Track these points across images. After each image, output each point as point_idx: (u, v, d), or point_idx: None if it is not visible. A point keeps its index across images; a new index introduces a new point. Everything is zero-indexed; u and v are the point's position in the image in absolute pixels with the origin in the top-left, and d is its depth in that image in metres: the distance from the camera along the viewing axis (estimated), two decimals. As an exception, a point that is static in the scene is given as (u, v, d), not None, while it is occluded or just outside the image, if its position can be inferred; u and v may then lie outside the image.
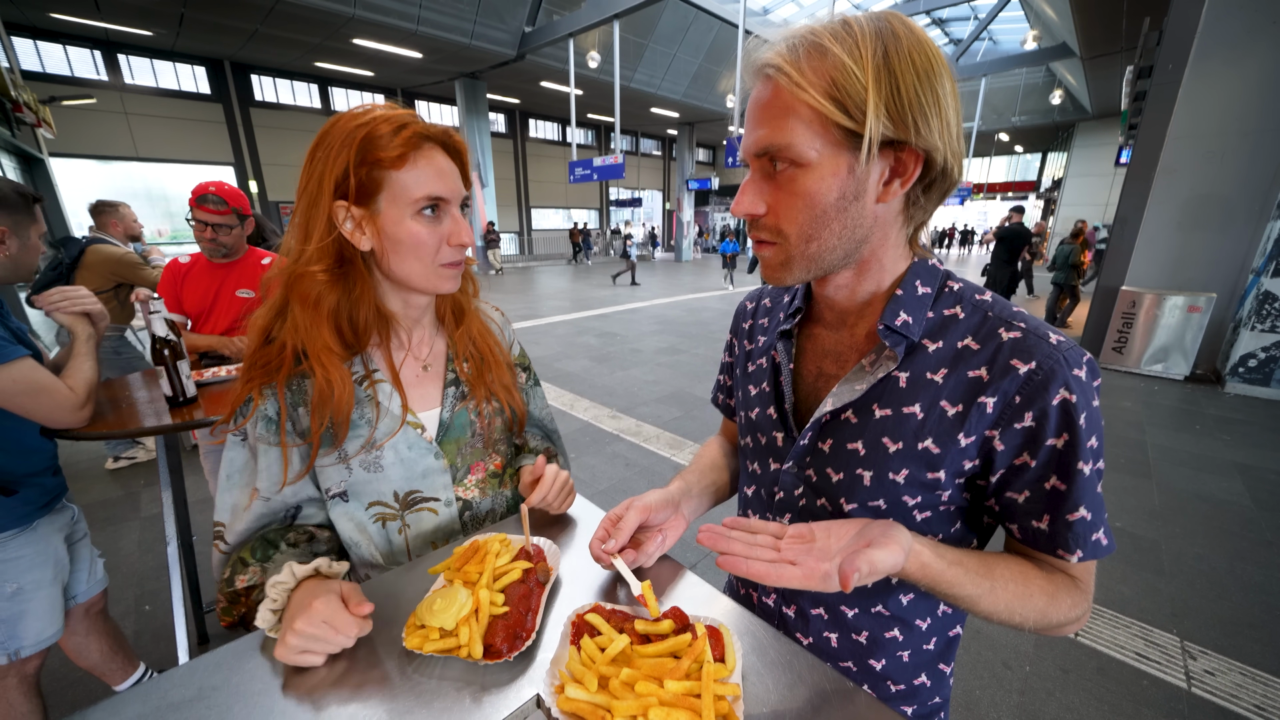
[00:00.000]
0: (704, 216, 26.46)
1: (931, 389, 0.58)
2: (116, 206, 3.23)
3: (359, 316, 0.77)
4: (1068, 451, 0.53)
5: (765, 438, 0.73)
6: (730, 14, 12.64)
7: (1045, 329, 0.55)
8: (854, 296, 0.63)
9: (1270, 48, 4.94)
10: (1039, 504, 0.56)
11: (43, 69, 11.93)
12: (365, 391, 0.78)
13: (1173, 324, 5.44)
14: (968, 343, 0.57)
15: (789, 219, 0.55)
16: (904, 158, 0.52)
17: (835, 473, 0.64)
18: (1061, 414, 0.52)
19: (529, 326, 8.15)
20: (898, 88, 0.48)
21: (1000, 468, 0.56)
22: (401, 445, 0.81)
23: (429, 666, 0.58)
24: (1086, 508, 0.54)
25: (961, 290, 0.61)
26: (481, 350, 0.91)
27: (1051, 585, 0.57)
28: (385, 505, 0.82)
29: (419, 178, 0.71)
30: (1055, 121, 20.01)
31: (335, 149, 0.68)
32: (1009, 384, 0.54)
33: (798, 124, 0.50)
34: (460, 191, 0.77)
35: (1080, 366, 0.53)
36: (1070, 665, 1.93)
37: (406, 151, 0.70)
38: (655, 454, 3.70)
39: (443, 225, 0.75)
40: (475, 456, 0.89)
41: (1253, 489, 3.20)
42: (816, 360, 0.69)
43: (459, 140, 0.78)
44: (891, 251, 0.60)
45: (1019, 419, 0.54)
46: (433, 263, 0.75)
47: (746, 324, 0.83)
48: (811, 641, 0.73)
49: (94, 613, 1.57)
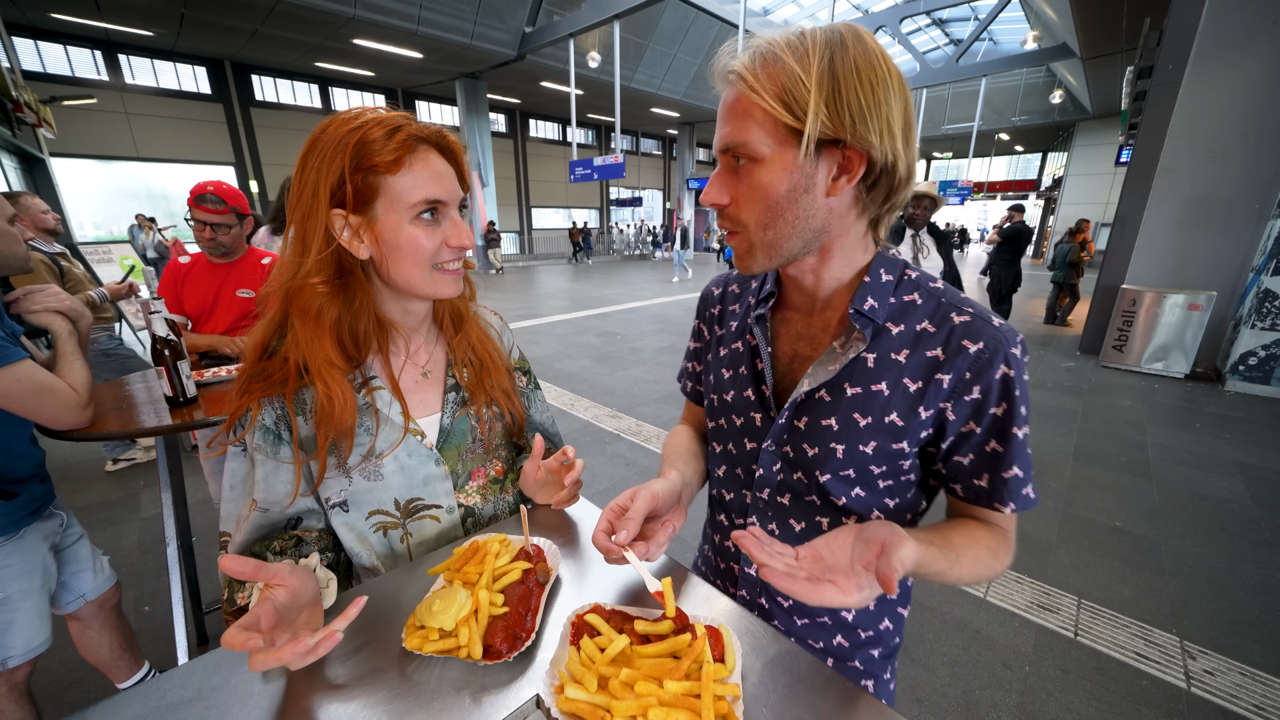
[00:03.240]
0: (703, 216, 26.43)
1: (896, 368, 0.64)
2: (18, 198, 2.78)
3: (359, 327, 0.76)
4: (1005, 418, 0.61)
5: (741, 419, 0.76)
6: (730, 14, 12.64)
7: (987, 313, 0.63)
8: (820, 282, 0.68)
9: (1270, 48, 4.94)
10: (981, 464, 0.64)
11: (43, 69, 11.93)
12: (364, 399, 0.77)
13: (1173, 322, 5.44)
14: (925, 325, 0.64)
15: (748, 209, 0.61)
16: (850, 156, 0.57)
17: (811, 448, 0.69)
18: (1002, 386, 0.61)
19: (529, 326, 8.15)
20: (838, 90, 0.53)
21: (950, 435, 0.64)
22: (402, 453, 0.80)
23: (429, 667, 0.58)
24: (1019, 466, 0.62)
25: (918, 278, 0.68)
26: (481, 356, 0.90)
27: (994, 543, 0.64)
28: (386, 514, 0.81)
29: (415, 181, 0.70)
30: (1055, 121, 20.00)
31: (328, 156, 0.67)
32: (961, 362, 0.62)
33: (752, 124, 0.56)
34: (458, 193, 0.75)
35: (1016, 345, 0.61)
36: (1070, 665, 1.93)
37: (402, 155, 0.68)
38: (655, 454, 3.70)
39: (442, 228, 0.74)
40: (476, 462, 0.89)
41: (1253, 488, 3.20)
42: (791, 343, 0.73)
43: (454, 141, 0.76)
44: (851, 241, 0.65)
45: (969, 392, 0.62)
46: (433, 267, 0.74)
47: (715, 309, 0.86)
48: (793, 603, 0.77)
49: (109, 608, 1.57)
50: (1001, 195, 20.70)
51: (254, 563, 0.54)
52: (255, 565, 0.54)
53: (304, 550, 0.76)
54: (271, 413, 0.74)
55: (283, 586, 0.56)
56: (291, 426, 0.75)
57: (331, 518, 0.81)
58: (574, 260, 20.76)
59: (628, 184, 25.78)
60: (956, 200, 17.87)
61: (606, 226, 25.52)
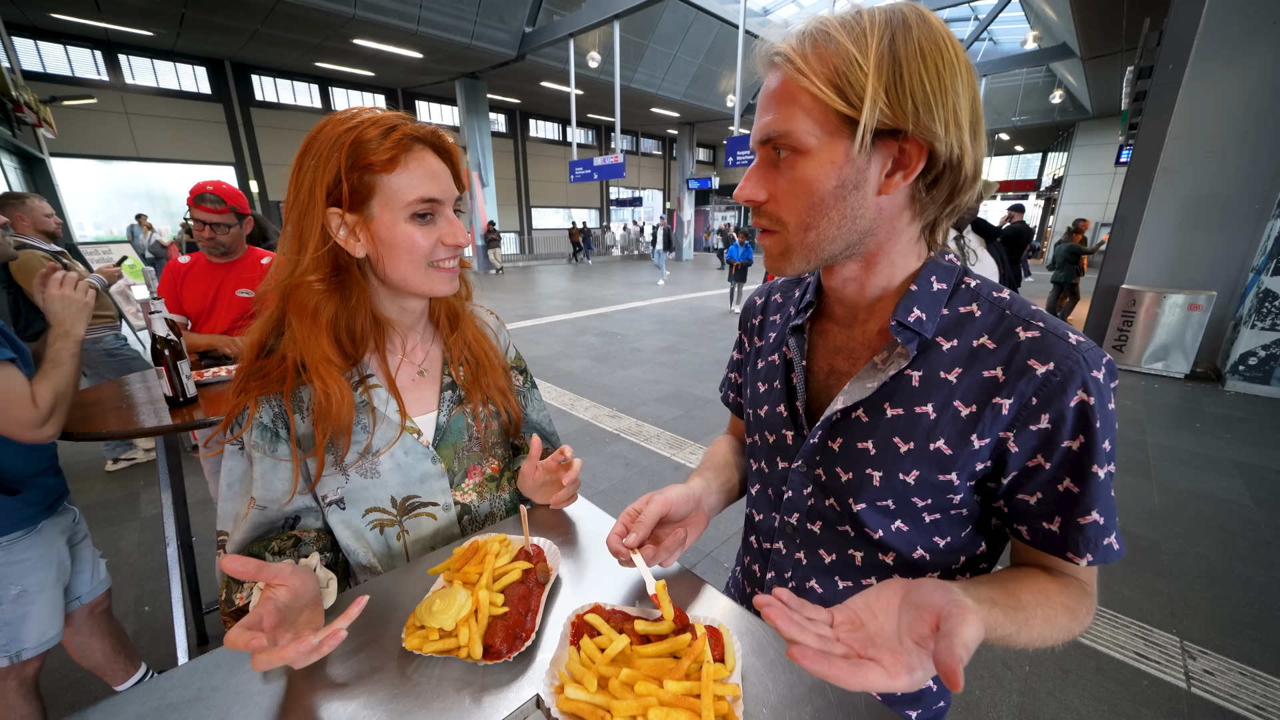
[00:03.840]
0: (704, 216, 26.41)
1: (945, 388, 0.57)
2: (24, 200, 2.83)
3: (356, 325, 0.76)
4: (1083, 454, 0.52)
5: (774, 436, 0.71)
6: (730, 14, 12.63)
7: (1065, 328, 0.54)
8: (864, 291, 0.61)
9: (1270, 48, 4.93)
10: (1050, 506, 0.54)
11: (43, 69, 11.93)
12: (360, 397, 0.78)
13: (1173, 322, 5.44)
14: (983, 341, 0.56)
15: (788, 206, 0.55)
16: (908, 149, 0.51)
17: (845, 472, 0.63)
18: (1079, 416, 0.51)
19: (529, 326, 8.14)
20: (900, 75, 0.48)
21: (1013, 470, 0.55)
22: (399, 450, 0.80)
23: (429, 667, 0.58)
24: (1099, 511, 0.53)
25: (978, 287, 0.60)
26: (477, 354, 0.90)
27: (1070, 600, 0.55)
28: (383, 511, 0.82)
29: (411, 180, 0.70)
30: (1055, 121, 19.99)
31: (325, 155, 0.67)
32: (1026, 385, 0.53)
33: (799, 111, 0.51)
34: (453, 192, 0.75)
35: (1099, 368, 0.52)
36: (1070, 665, 1.93)
37: (397, 154, 0.68)
38: (655, 454, 3.70)
39: (437, 227, 0.74)
40: (472, 460, 0.89)
41: (1253, 488, 3.20)
42: (828, 357, 0.67)
43: (449, 140, 0.77)
44: (902, 247, 0.58)
45: (1035, 421, 0.53)
46: (428, 265, 0.75)
47: (756, 320, 0.82)
48: None
49: (98, 613, 1.57)
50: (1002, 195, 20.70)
51: (255, 563, 0.53)
52: (256, 565, 0.54)
53: (303, 550, 0.76)
54: (269, 410, 0.74)
55: (284, 586, 0.56)
56: (289, 424, 0.75)
57: (328, 515, 0.81)
58: (574, 260, 20.76)
59: (628, 184, 25.77)
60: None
61: (604, 228, 25.52)
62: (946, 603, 0.42)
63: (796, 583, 0.72)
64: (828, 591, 0.69)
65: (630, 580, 0.72)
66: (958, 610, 0.41)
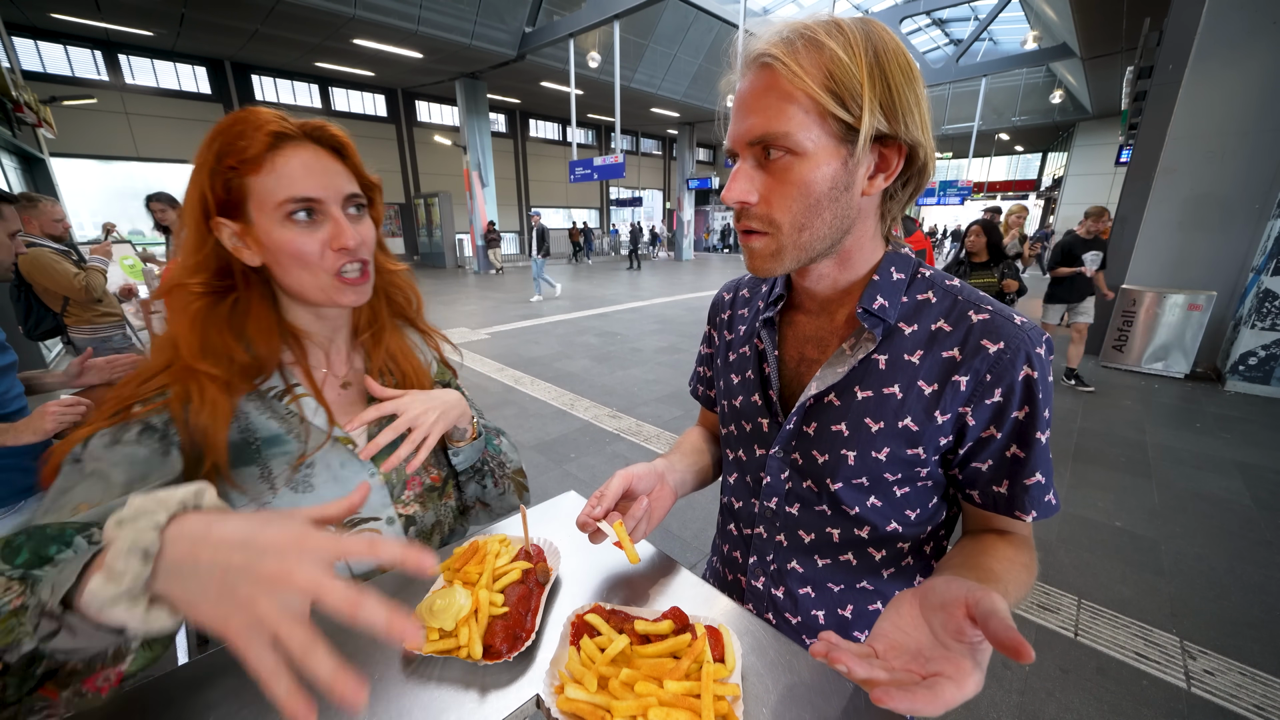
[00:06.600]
0: (704, 216, 26.40)
1: (909, 369, 0.62)
2: (36, 203, 2.88)
3: (253, 333, 0.71)
4: (1028, 422, 0.58)
5: (750, 424, 0.74)
6: (730, 14, 12.63)
7: (1009, 311, 0.61)
8: (835, 285, 0.66)
9: (1270, 48, 4.94)
10: (1000, 470, 0.61)
11: (43, 69, 11.94)
12: (288, 407, 0.74)
13: (1173, 322, 5.44)
14: (940, 325, 0.61)
15: (782, 208, 0.56)
16: (888, 153, 0.55)
17: (820, 454, 0.66)
18: (1025, 388, 0.58)
19: (529, 326, 8.14)
20: (889, 85, 0.51)
21: (970, 440, 0.61)
22: (334, 463, 0.76)
23: (428, 667, 0.58)
24: (1041, 473, 0.60)
25: (932, 276, 0.65)
26: (404, 368, 0.87)
27: (1024, 556, 0.61)
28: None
29: (280, 180, 0.65)
30: (1055, 121, 20.03)
31: (201, 160, 0.64)
32: (980, 363, 0.58)
33: (796, 112, 0.52)
34: (340, 189, 0.69)
35: (1040, 345, 0.58)
36: (1070, 665, 1.93)
37: (261, 153, 0.64)
38: (655, 454, 3.70)
39: (322, 230, 0.68)
40: (411, 471, 0.85)
41: (1253, 488, 3.20)
42: (798, 346, 0.71)
43: (335, 132, 0.71)
44: (869, 242, 0.63)
45: (989, 395, 0.59)
46: (323, 273, 0.69)
47: (725, 314, 0.84)
48: (800, 620, 0.75)
49: None
50: (1002, 195, 20.72)
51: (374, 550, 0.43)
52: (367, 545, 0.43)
53: None
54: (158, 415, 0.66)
55: None
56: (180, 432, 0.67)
57: None
58: (574, 260, 20.76)
59: (628, 184, 25.78)
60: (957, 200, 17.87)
61: (606, 229, 25.53)
62: (967, 590, 0.42)
63: (778, 565, 0.76)
64: (808, 570, 0.74)
65: (630, 580, 0.72)
66: (982, 591, 0.41)
